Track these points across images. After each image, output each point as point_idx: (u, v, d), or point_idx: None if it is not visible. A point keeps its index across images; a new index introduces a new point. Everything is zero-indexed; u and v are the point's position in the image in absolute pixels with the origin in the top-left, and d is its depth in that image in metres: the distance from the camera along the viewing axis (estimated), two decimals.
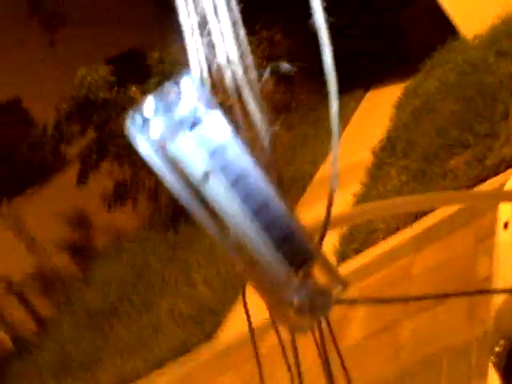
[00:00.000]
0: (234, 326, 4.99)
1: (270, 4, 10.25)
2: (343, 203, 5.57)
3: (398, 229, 4.61)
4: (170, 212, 8.42)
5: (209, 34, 0.52)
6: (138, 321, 6.42)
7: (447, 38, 7.13)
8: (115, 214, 9.37)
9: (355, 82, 9.78)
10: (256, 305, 0.92)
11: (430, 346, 3.16)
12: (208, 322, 5.32)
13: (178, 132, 0.49)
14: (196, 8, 0.51)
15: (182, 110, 0.49)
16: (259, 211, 0.51)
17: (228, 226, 0.52)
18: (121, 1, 12.32)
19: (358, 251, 4.75)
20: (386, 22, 9.96)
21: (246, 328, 1.00)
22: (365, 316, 3.88)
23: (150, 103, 0.48)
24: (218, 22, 0.52)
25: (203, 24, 0.52)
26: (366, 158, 6.22)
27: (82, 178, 9.18)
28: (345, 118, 8.92)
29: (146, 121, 0.49)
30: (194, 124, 0.49)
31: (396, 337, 3.38)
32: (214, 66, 0.53)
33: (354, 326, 3.84)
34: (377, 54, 10.00)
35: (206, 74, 0.53)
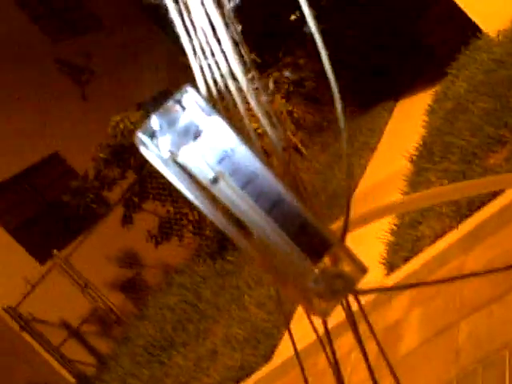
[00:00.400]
0: (289, 347, 5.01)
1: (288, 31, 10.40)
2: None
3: (444, 232, 4.60)
4: (216, 241, 8.55)
5: (212, 53, 0.58)
6: (194, 349, 6.51)
7: (471, 38, 7.12)
8: (163, 249, 9.55)
9: (385, 93, 9.82)
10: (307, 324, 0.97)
11: (490, 344, 3.14)
12: (263, 344, 5.36)
13: (183, 143, 0.53)
14: (196, 31, 0.57)
15: (184, 122, 0.53)
16: (272, 208, 0.55)
17: (244, 224, 0.55)
18: (146, 46, 12.67)
19: (406, 259, 4.74)
20: (408, 30, 9.99)
21: (301, 347, 1.06)
22: (419, 322, 3.86)
23: (154, 121, 0.53)
24: (219, 41, 0.57)
25: (205, 44, 0.57)
26: (404, 166, 6.22)
27: (127, 220, 9.41)
28: (379, 129, 8.94)
29: (153, 138, 0.54)
30: (196, 134, 0.53)
31: (453, 339, 3.36)
32: (219, 82, 0.59)
33: (408, 333, 3.83)
34: (403, 63, 10.01)
35: (208, 89, 0.58)
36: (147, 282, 10.38)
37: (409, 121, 8.14)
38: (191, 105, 0.54)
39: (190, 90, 0.54)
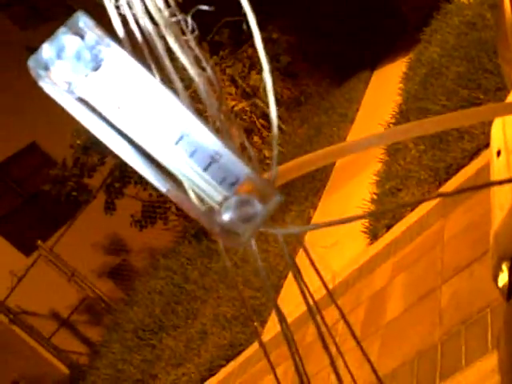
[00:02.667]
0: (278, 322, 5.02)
1: (261, 5, 10.28)
2: (366, 184, 5.59)
3: (424, 198, 4.62)
4: None
5: None
6: (184, 331, 6.53)
7: (442, 3, 7.10)
8: (148, 233, 9.53)
9: (361, 63, 9.79)
10: (295, 298, 0.96)
11: (472, 305, 3.16)
12: (251, 321, 5.39)
13: (80, 73, 0.50)
14: None
15: (77, 49, 0.49)
16: (181, 138, 0.52)
17: (147, 152, 0.52)
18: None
19: (388, 227, 4.76)
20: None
21: (288, 322, 1.04)
22: (403, 288, 3.88)
23: (46, 50, 0.50)
24: None
25: None
26: None
27: (109, 207, 9.35)
28: (356, 100, 8.92)
29: (46, 68, 0.50)
30: (96, 64, 0.50)
31: (436, 303, 3.38)
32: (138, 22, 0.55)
33: (393, 299, 3.86)
34: (376, 33, 9.97)
35: (122, 26, 0.55)
36: (134, 267, 10.37)
37: (385, 89, 8.13)
38: (85, 32, 0.50)
39: (82, 15, 0.50)
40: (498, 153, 1.39)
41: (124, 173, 9.18)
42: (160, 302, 7.64)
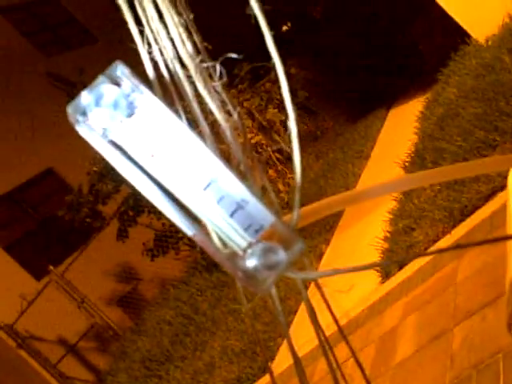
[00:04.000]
0: (287, 358, 4.98)
1: (279, 41, 10.43)
2: (379, 221, 5.58)
3: (437, 238, 4.59)
4: None
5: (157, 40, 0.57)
6: (192, 362, 6.48)
7: (460, 44, 7.16)
8: (159, 262, 9.53)
9: (377, 101, 9.86)
10: (306, 333, 0.97)
11: (484, 349, 3.12)
12: (261, 355, 5.34)
13: (116, 120, 0.52)
14: (145, 17, 0.56)
15: (114, 98, 0.52)
16: (209, 184, 0.54)
17: (179, 199, 0.54)
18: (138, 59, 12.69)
19: (400, 266, 4.74)
20: (398, 38, 10.05)
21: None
22: (414, 329, 3.84)
23: (84, 97, 0.52)
24: (166, 26, 0.57)
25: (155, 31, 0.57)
26: (397, 173, 6.23)
27: (122, 234, 9.39)
28: (371, 138, 8.96)
29: (85, 115, 0.53)
30: (130, 111, 0.52)
31: (448, 345, 3.34)
32: (165, 66, 0.58)
33: (403, 340, 3.82)
34: (394, 71, 10.06)
35: (154, 72, 0.57)
36: (144, 295, 10.35)
37: (401, 128, 8.16)
38: (122, 80, 0.53)
39: (119, 65, 0.53)
40: None
41: (138, 201, 9.24)
42: (168, 333, 7.61)
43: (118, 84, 0.53)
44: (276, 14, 11.07)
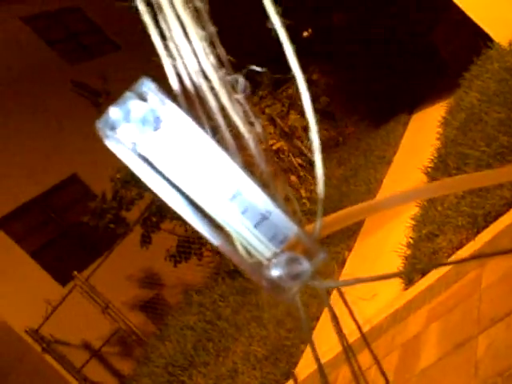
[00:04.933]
0: (309, 364, 4.98)
1: (300, 47, 10.46)
2: (402, 228, 5.56)
3: (461, 245, 4.56)
4: None
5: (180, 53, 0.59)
6: (215, 368, 6.50)
7: (482, 48, 7.11)
8: (182, 268, 9.59)
9: (399, 107, 9.82)
10: (328, 340, 0.99)
11: (509, 357, 3.09)
12: (283, 361, 5.34)
13: (143, 133, 0.55)
14: (170, 32, 0.58)
15: (142, 112, 0.54)
16: (235, 196, 0.56)
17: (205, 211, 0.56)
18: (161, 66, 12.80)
19: (423, 273, 4.71)
20: (420, 43, 10.01)
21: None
22: (437, 336, 3.82)
23: (113, 112, 0.55)
24: (189, 40, 0.59)
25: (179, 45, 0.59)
26: (420, 179, 6.20)
27: (146, 240, 9.47)
28: (394, 143, 8.93)
29: (113, 128, 0.55)
30: (157, 124, 0.55)
31: (472, 353, 3.31)
32: (189, 79, 0.60)
33: (427, 347, 3.80)
34: (416, 77, 10.02)
35: (178, 85, 0.59)
36: (167, 301, 10.41)
37: (424, 133, 8.13)
38: (148, 95, 0.55)
39: (146, 81, 0.55)
40: None
41: (161, 208, 9.31)
42: (191, 338, 7.64)
43: (144, 99, 0.55)
44: (297, 20, 11.10)
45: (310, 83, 10.23)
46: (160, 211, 9.35)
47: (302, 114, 9.84)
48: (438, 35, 9.92)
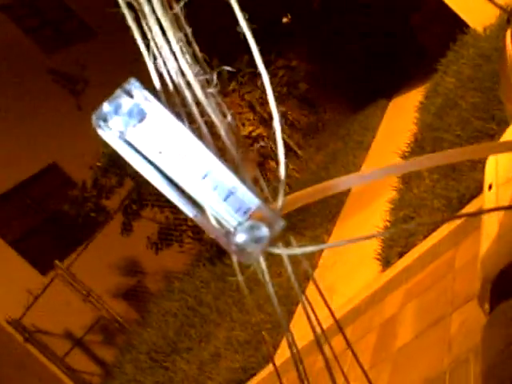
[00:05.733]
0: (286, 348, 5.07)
1: (280, 33, 10.48)
2: (380, 211, 5.66)
3: (436, 226, 4.67)
4: (215, 245, 8.62)
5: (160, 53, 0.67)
6: (197, 353, 6.58)
7: (458, 34, 7.21)
8: (163, 255, 9.63)
9: (378, 92, 9.92)
10: (306, 325, 1.05)
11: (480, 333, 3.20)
12: (265, 345, 5.43)
13: (130, 125, 0.65)
14: (152, 34, 0.66)
15: (129, 107, 0.64)
16: (205, 175, 0.65)
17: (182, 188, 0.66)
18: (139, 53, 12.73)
19: (400, 254, 4.82)
20: (397, 29, 10.09)
21: (300, 347, 1.12)
22: (413, 316, 3.93)
23: (105, 106, 0.65)
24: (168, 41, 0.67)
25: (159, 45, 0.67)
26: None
27: (126, 228, 9.48)
28: (372, 127, 9.03)
29: (105, 121, 0.66)
30: (142, 117, 0.65)
31: (446, 330, 3.42)
32: (169, 77, 0.68)
33: (403, 327, 3.90)
34: (395, 62, 10.11)
35: (163, 83, 0.68)
36: (149, 288, 10.45)
37: (401, 118, 8.23)
38: (135, 92, 0.65)
39: (132, 80, 0.66)
40: (490, 186, 1.48)
41: (141, 195, 9.33)
42: (174, 325, 7.71)
43: (131, 95, 0.65)
44: (276, 6, 11.11)
45: (290, 69, 10.28)
46: (140, 199, 9.37)
47: (280, 100, 9.90)
48: (416, 21, 10.01)
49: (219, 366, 5.92)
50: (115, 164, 9.20)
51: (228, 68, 0.76)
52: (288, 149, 9.47)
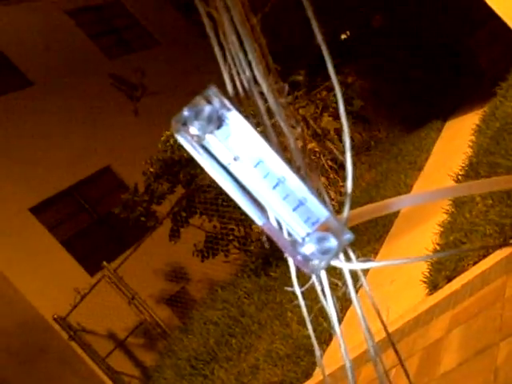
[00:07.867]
0: (330, 364, 5.03)
1: (338, 50, 10.50)
2: (429, 234, 5.58)
3: (487, 253, 4.58)
4: (261, 257, 8.65)
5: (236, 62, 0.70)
6: (237, 364, 6.59)
7: None
8: (208, 264, 9.72)
9: (434, 113, 9.80)
10: (352, 339, 1.06)
11: None
12: (305, 360, 5.41)
13: (208, 131, 0.67)
14: (227, 43, 0.69)
15: (208, 114, 0.67)
16: (277, 184, 0.68)
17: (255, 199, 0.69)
18: (199, 62, 12.94)
19: (449, 279, 4.74)
20: (457, 50, 9.97)
21: (341, 364, 1.13)
22: (459, 342, 3.85)
23: (185, 112, 0.67)
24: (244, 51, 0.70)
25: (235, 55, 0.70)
26: None
27: (174, 235, 9.60)
28: (426, 148, 8.92)
29: (184, 126, 0.68)
30: (219, 124, 0.67)
31: (492, 359, 3.35)
32: (242, 86, 0.70)
33: (448, 352, 3.83)
34: (452, 83, 9.98)
35: (236, 91, 0.71)
36: (192, 296, 10.55)
37: (456, 141, 8.11)
38: (214, 99, 0.68)
39: (213, 88, 0.68)
40: None
41: (191, 203, 9.45)
42: (215, 333, 7.75)
43: (210, 102, 0.68)
44: (335, 23, 11.13)
45: (345, 86, 10.27)
46: (190, 206, 9.49)
47: (334, 116, 9.89)
48: (475, 43, 9.87)
49: (257, 379, 5.91)
50: (168, 170, 9.36)
51: (299, 78, 0.79)
52: (339, 165, 9.44)
